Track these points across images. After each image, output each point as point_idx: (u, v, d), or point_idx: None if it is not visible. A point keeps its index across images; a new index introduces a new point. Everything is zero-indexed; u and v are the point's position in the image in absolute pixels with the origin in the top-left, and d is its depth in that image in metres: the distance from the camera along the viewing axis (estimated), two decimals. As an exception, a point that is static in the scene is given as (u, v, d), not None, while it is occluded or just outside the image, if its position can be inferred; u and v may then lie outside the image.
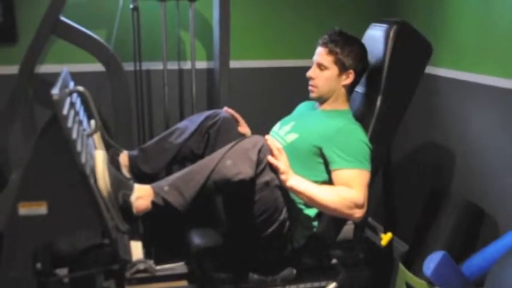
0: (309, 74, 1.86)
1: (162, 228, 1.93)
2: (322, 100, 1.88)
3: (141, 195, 1.54)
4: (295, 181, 1.61)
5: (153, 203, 1.54)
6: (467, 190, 2.27)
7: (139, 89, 2.48)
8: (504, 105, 2.07)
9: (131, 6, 2.32)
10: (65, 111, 1.36)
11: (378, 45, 1.85)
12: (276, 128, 1.98)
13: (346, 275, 1.82)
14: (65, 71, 1.67)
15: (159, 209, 1.55)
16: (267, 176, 1.56)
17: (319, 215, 1.77)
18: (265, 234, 1.63)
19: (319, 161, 1.75)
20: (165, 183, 1.57)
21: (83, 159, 1.39)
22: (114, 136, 2.34)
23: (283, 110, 2.10)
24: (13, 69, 2.20)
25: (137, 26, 2.36)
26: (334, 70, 1.82)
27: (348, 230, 1.91)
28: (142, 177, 1.82)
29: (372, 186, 1.91)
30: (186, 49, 2.59)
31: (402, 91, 1.88)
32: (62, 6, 2.10)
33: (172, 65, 2.56)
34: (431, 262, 1.93)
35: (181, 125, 1.94)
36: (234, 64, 2.48)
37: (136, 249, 1.63)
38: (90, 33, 2.19)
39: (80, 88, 1.57)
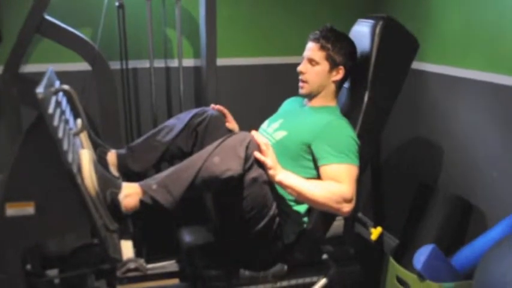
0: (300, 68, 1.86)
1: (152, 226, 1.92)
2: (311, 96, 1.88)
3: (130, 194, 1.54)
4: (284, 176, 1.61)
5: (141, 201, 1.53)
6: (455, 184, 2.29)
7: (126, 87, 2.46)
8: (490, 99, 2.08)
9: (117, 3, 2.30)
10: (50, 110, 1.35)
11: (364, 41, 1.86)
12: (264, 125, 1.98)
13: (337, 270, 1.83)
14: (50, 70, 1.65)
15: (148, 207, 1.54)
16: (255, 172, 1.56)
17: (309, 211, 1.78)
18: (254, 230, 1.63)
19: (308, 157, 1.75)
20: (153, 181, 1.56)
21: (70, 158, 1.38)
22: (102, 135, 2.32)
23: (272, 107, 2.10)
24: (-2, 69, 2.17)
25: (123, 24, 2.35)
26: (325, 66, 1.82)
27: (338, 225, 1.92)
28: (131, 176, 1.81)
29: (361, 181, 1.92)
30: (173, 47, 2.57)
31: (389, 86, 1.88)
32: (46, 5, 2.08)
33: (159, 63, 2.55)
34: (421, 255, 1.95)
35: (169, 123, 1.93)
36: (221, 62, 2.47)
37: (127, 248, 1.62)
38: (76, 31, 2.17)
39: (66, 87, 1.55)
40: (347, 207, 1.63)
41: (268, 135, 1.88)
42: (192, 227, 1.90)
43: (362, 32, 1.88)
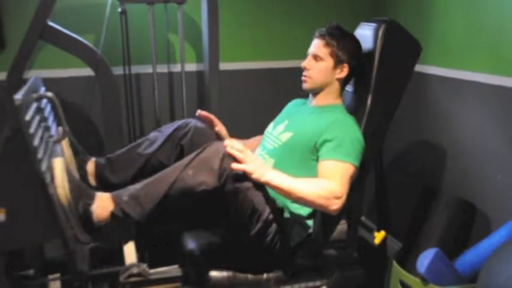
0: (304, 64, 1.85)
1: (155, 231, 1.91)
2: (314, 92, 1.87)
3: (101, 205, 1.52)
4: (270, 176, 1.57)
5: (112, 213, 1.52)
6: (458, 187, 2.28)
7: (129, 93, 2.47)
8: (494, 102, 2.08)
9: (119, 9, 2.31)
10: (28, 117, 1.33)
11: (367, 45, 1.86)
12: (269, 128, 1.97)
13: (340, 275, 1.82)
14: (36, 77, 1.64)
15: (119, 219, 1.53)
16: (235, 181, 1.54)
17: (313, 214, 1.77)
18: (249, 236, 1.62)
19: (315, 158, 1.74)
20: (125, 193, 1.55)
21: (44, 167, 1.36)
22: (105, 140, 2.34)
23: (274, 111, 2.09)
24: (1, 76, 2.18)
25: (125, 30, 2.35)
26: (329, 62, 1.81)
27: (341, 229, 1.91)
28: (109, 187, 1.77)
29: (364, 185, 1.92)
30: (175, 52, 2.58)
31: (392, 90, 1.88)
32: (49, 11, 2.09)
33: (162, 68, 2.55)
34: (425, 259, 1.94)
35: (151, 135, 1.91)
36: (223, 66, 2.47)
37: (130, 251, 1.62)
38: (79, 37, 2.18)
39: (49, 94, 1.53)
40: (336, 205, 1.58)
41: (275, 137, 1.87)
42: (195, 231, 1.89)
43: (365, 36, 1.88)
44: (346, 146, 1.68)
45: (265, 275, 1.72)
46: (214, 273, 1.70)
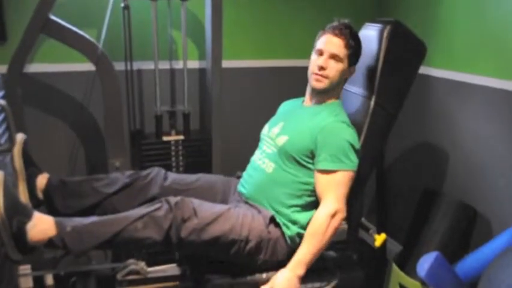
0: (322, 63, 1.75)
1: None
2: (323, 92, 1.81)
3: (41, 227, 1.47)
4: (299, 270, 1.61)
5: (50, 240, 1.48)
6: (460, 190, 2.27)
7: (130, 88, 2.45)
8: (497, 106, 2.07)
9: (122, 4, 2.29)
10: None
11: (371, 45, 1.84)
12: (265, 130, 1.94)
13: (339, 276, 1.81)
14: None
15: (55, 247, 1.49)
16: (184, 230, 1.55)
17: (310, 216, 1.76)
18: (243, 257, 1.65)
19: (311, 161, 1.73)
20: (69, 223, 1.51)
21: None
22: (106, 137, 2.32)
23: (276, 110, 2.08)
24: (2, 69, 2.17)
25: (128, 25, 2.34)
26: (345, 64, 1.77)
27: (341, 231, 1.89)
28: (52, 211, 1.74)
29: (365, 187, 1.90)
30: (177, 48, 2.57)
31: (396, 91, 1.87)
32: (51, 5, 2.07)
33: (164, 65, 2.54)
34: (425, 263, 1.93)
35: (112, 175, 1.85)
36: (226, 64, 2.46)
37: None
38: (80, 32, 2.16)
39: (1, 102, 1.50)
40: (335, 222, 1.64)
41: (271, 140, 1.85)
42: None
43: (369, 36, 1.87)
44: (339, 153, 1.67)
45: (264, 275, 1.71)
46: (212, 273, 1.69)
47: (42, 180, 1.78)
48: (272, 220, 1.71)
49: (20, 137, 1.70)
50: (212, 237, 1.59)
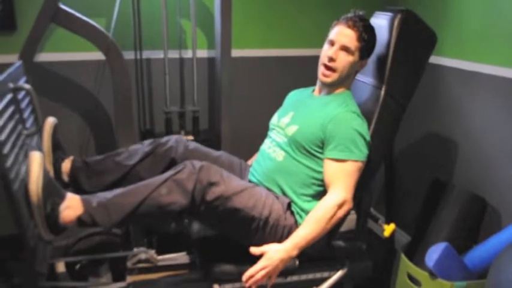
0: (331, 54, 1.73)
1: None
2: (331, 85, 1.81)
3: (70, 206, 1.49)
4: (292, 248, 1.58)
5: (79, 218, 1.49)
6: (470, 181, 2.26)
7: (139, 77, 2.46)
8: (508, 95, 2.05)
9: (131, -7, 2.29)
10: None
11: (382, 34, 1.82)
12: (274, 120, 1.94)
13: (348, 266, 1.82)
14: (17, 65, 1.58)
15: (85, 224, 1.50)
16: (211, 194, 1.53)
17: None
18: (254, 239, 1.63)
19: (321, 151, 1.73)
20: (95, 199, 1.52)
21: (9, 162, 1.29)
22: (115, 126, 2.33)
23: (283, 99, 2.08)
24: (12, 58, 2.17)
25: (137, 14, 2.34)
26: (356, 56, 1.75)
27: (350, 220, 1.90)
28: (79, 191, 1.73)
29: (374, 177, 1.90)
30: (187, 37, 2.56)
31: (406, 81, 1.85)
32: (61, -6, 2.07)
33: (173, 54, 2.54)
34: (434, 253, 1.93)
35: (130, 148, 1.86)
36: (235, 53, 2.45)
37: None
38: (90, 21, 2.16)
39: (26, 86, 1.48)
40: (341, 212, 1.63)
41: (281, 129, 1.85)
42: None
43: (380, 25, 1.85)
44: (349, 143, 1.66)
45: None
46: (221, 262, 1.70)
47: (67, 164, 1.80)
48: (289, 207, 1.71)
49: (51, 120, 1.70)
50: (235, 208, 1.57)
